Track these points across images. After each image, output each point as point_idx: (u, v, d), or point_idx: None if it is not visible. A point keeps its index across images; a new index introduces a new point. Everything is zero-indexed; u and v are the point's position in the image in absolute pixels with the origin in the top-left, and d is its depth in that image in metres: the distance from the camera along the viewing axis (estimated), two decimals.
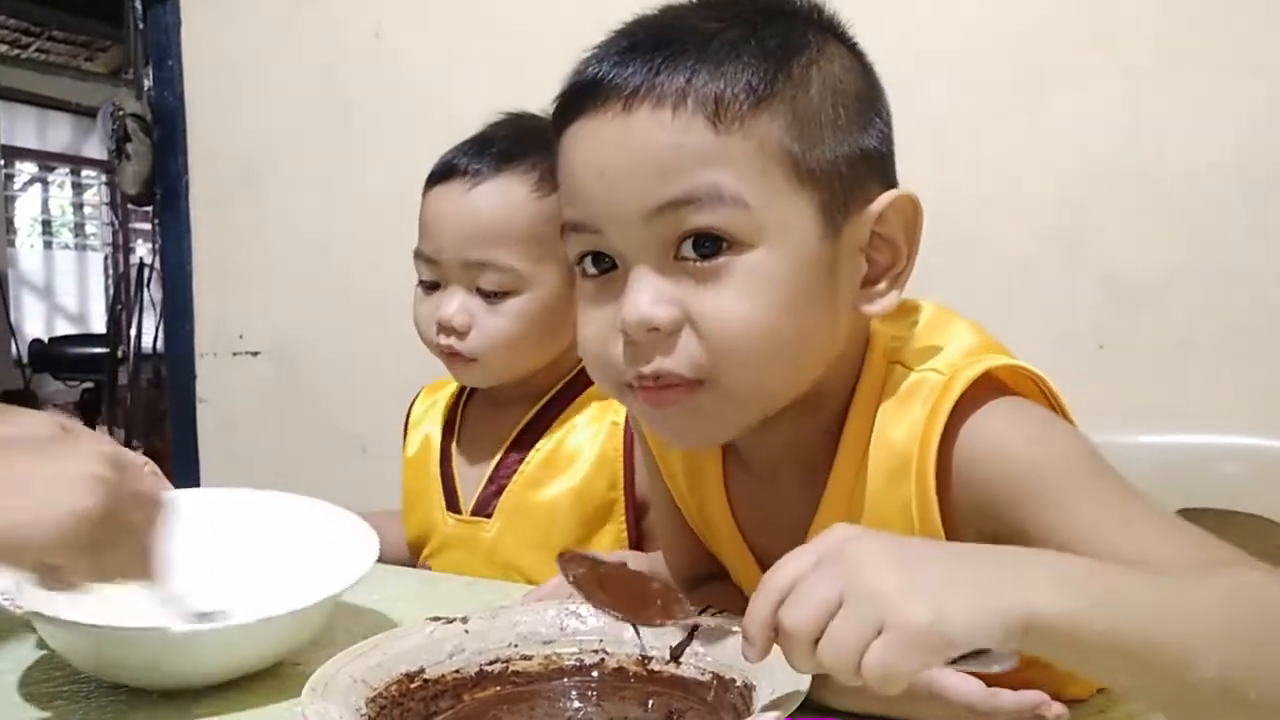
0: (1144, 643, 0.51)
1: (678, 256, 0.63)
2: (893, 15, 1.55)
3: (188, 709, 0.75)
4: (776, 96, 0.63)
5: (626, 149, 0.63)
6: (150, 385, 5.21)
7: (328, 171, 2.10)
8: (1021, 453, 0.64)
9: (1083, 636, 0.50)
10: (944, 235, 1.52)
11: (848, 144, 0.65)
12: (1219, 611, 0.53)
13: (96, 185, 8.60)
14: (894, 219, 0.67)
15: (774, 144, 0.62)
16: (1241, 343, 1.40)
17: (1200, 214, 1.42)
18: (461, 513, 1.15)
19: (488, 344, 1.09)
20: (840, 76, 0.66)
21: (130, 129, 2.31)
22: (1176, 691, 0.52)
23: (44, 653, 0.85)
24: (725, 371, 0.63)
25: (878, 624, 0.49)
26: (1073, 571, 0.52)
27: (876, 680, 0.49)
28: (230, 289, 2.27)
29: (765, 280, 0.62)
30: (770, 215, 0.62)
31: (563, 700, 0.70)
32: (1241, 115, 1.39)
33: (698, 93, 0.61)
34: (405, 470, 1.23)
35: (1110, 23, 1.45)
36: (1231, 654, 0.51)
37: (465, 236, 1.08)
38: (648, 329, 0.63)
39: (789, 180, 0.63)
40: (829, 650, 0.49)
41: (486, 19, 1.91)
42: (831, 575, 0.51)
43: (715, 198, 0.61)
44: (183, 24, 2.26)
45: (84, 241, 8.72)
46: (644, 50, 0.63)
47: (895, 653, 0.48)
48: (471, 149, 1.11)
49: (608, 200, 0.64)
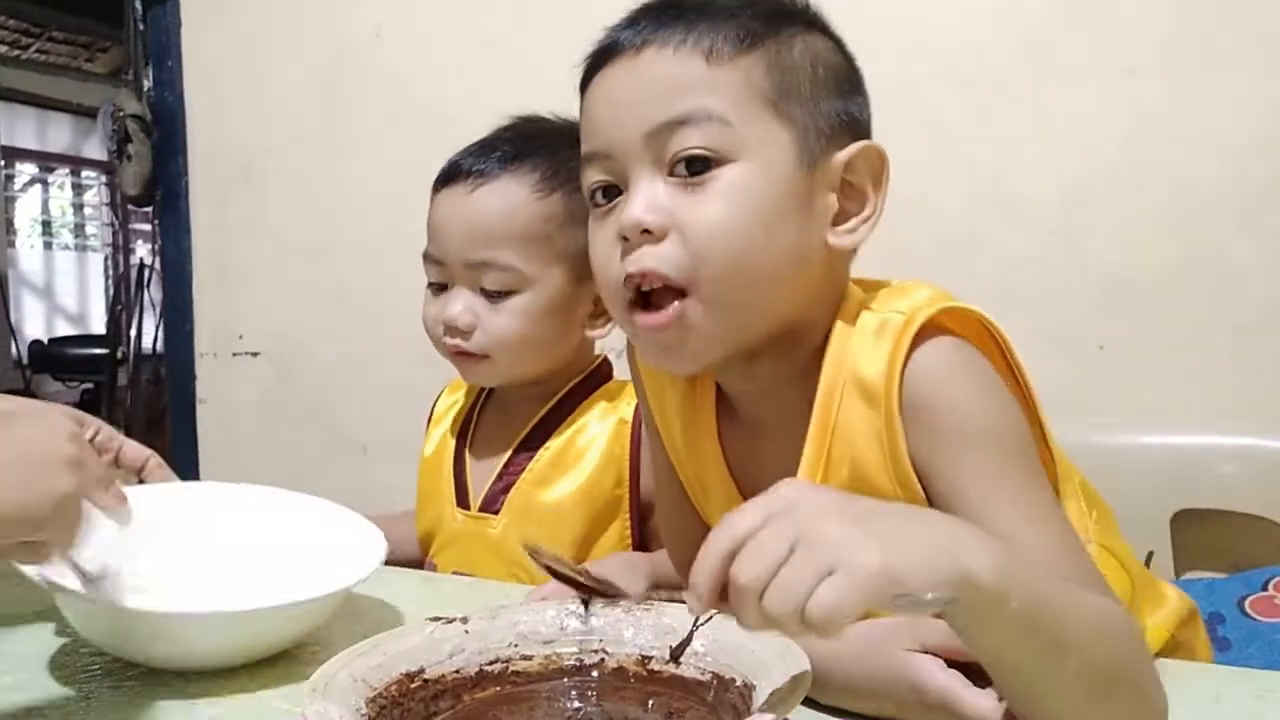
0: (1044, 630, 0.56)
1: (671, 174, 0.72)
2: (893, 15, 1.55)
3: (197, 689, 0.76)
4: (762, 47, 0.72)
5: (633, 80, 0.73)
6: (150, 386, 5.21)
7: (328, 172, 2.10)
8: (961, 400, 0.70)
9: (1003, 607, 0.54)
10: (944, 235, 1.53)
11: (825, 101, 0.74)
12: (1092, 620, 0.60)
13: (96, 186, 8.60)
14: (863, 168, 0.74)
15: (756, 83, 0.72)
16: (1241, 343, 1.40)
17: (1200, 214, 1.42)
18: (470, 508, 1.15)
19: (492, 342, 1.11)
20: (821, 50, 0.76)
21: (131, 130, 2.31)
22: (1046, 684, 0.58)
23: (66, 640, 0.87)
24: (705, 276, 0.71)
25: (828, 569, 0.51)
26: (999, 547, 0.56)
27: (821, 620, 0.50)
28: (230, 289, 2.27)
29: (743, 191, 0.71)
30: (750, 134, 0.71)
31: (563, 700, 0.70)
32: (1241, 116, 1.39)
33: (696, 38, 0.72)
34: (421, 468, 1.24)
35: (1110, 23, 1.45)
36: (1091, 659, 0.58)
37: (468, 237, 1.10)
38: (640, 230, 0.71)
39: (768, 112, 0.72)
40: (776, 598, 0.51)
41: (486, 19, 1.91)
42: (781, 529, 0.53)
43: (704, 117, 0.70)
44: (183, 25, 2.27)
45: (84, 242, 8.72)
46: (654, 12, 0.74)
47: (843, 593, 0.50)
48: (476, 152, 1.13)
49: (615, 124, 0.74)
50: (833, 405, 0.74)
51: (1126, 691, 0.60)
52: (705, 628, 0.70)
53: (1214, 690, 0.72)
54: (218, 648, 0.81)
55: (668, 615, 0.72)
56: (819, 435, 0.75)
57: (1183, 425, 1.28)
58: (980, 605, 0.54)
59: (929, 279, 0.79)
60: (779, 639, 0.65)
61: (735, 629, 0.68)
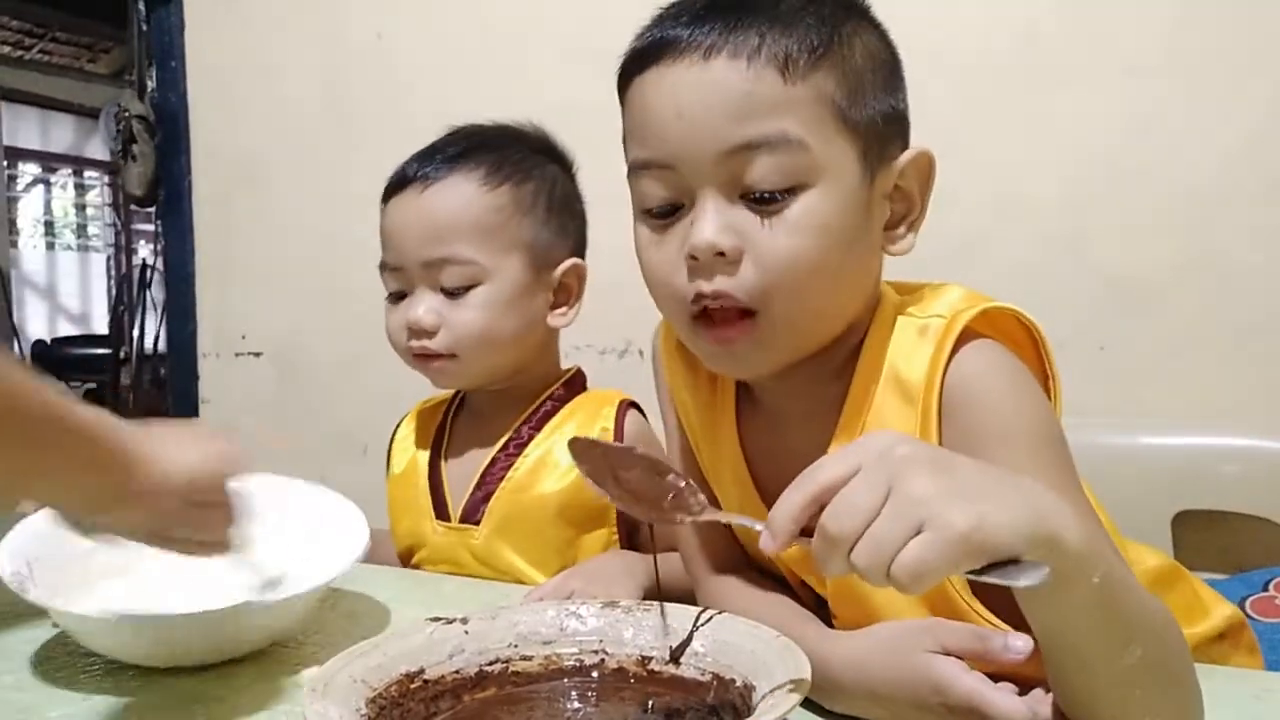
0: (1116, 612, 0.56)
1: (743, 194, 0.70)
2: (893, 16, 1.55)
3: (197, 689, 0.76)
4: (831, 55, 0.71)
5: (705, 93, 0.70)
6: (152, 386, 5.21)
7: (329, 173, 2.10)
8: (996, 398, 0.70)
9: (1084, 579, 0.54)
10: (945, 236, 1.52)
11: (882, 103, 0.73)
12: (1153, 610, 0.60)
13: (99, 186, 8.61)
14: (912, 173, 0.75)
15: (828, 96, 0.70)
16: (1241, 344, 1.40)
17: (1201, 215, 1.42)
18: (451, 520, 1.15)
19: (457, 340, 1.11)
20: (875, 44, 0.75)
21: (136, 130, 2.31)
22: (1105, 672, 0.58)
23: (66, 640, 0.87)
24: (777, 300, 0.70)
25: (918, 525, 0.51)
26: (1084, 518, 0.56)
27: (908, 578, 0.50)
28: (232, 290, 2.27)
29: (818, 217, 0.70)
30: (825, 155, 0.70)
31: (563, 700, 0.70)
32: (1242, 117, 1.39)
33: (769, 48, 0.69)
34: (390, 485, 1.24)
35: (1111, 23, 1.45)
36: (1151, 652, 0.57)
37: (423, 237, 1.11)
38: (715, 253, 0.70)
39: (838, 129, 0.70)
40: (866, 551, 0.51)
41: (487, 21, 1.92)
42: (874, 481, 0.53)
43: (783, 141, 0.69)
44: (186, 26, 2.27)
45: (86, 242, 8.73)
46: (721, 10, 0.71)
47: (933, 552, 0.50)
48: (421, 158, 1.15)
49: (684, 138, 0.71)
50: (865, 402, 0.75)
51: (1176, 692, 0.60)
52: (705, 628, 0.70)
53: (1214, 690, 0.72)
54: (214, 647, 0.82)
55: (668, 615, 0.72)
56: (848, 431, 0.75)
57: (1183, 425, 1.28)
58: (1064, 573, 0.53)
59: (929, 279, 0.79)
60: (779, 639, 0.65)
61: (735, 629, 0.68)
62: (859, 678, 0.68)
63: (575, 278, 1.16)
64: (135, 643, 0.82)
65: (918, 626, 0.68)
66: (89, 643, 0.84)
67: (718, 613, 0.71)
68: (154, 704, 0.76)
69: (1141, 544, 0.86)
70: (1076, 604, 0.55)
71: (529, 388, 1.18)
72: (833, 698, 0.69)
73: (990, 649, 0.64)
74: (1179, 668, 0.61)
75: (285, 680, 0.80)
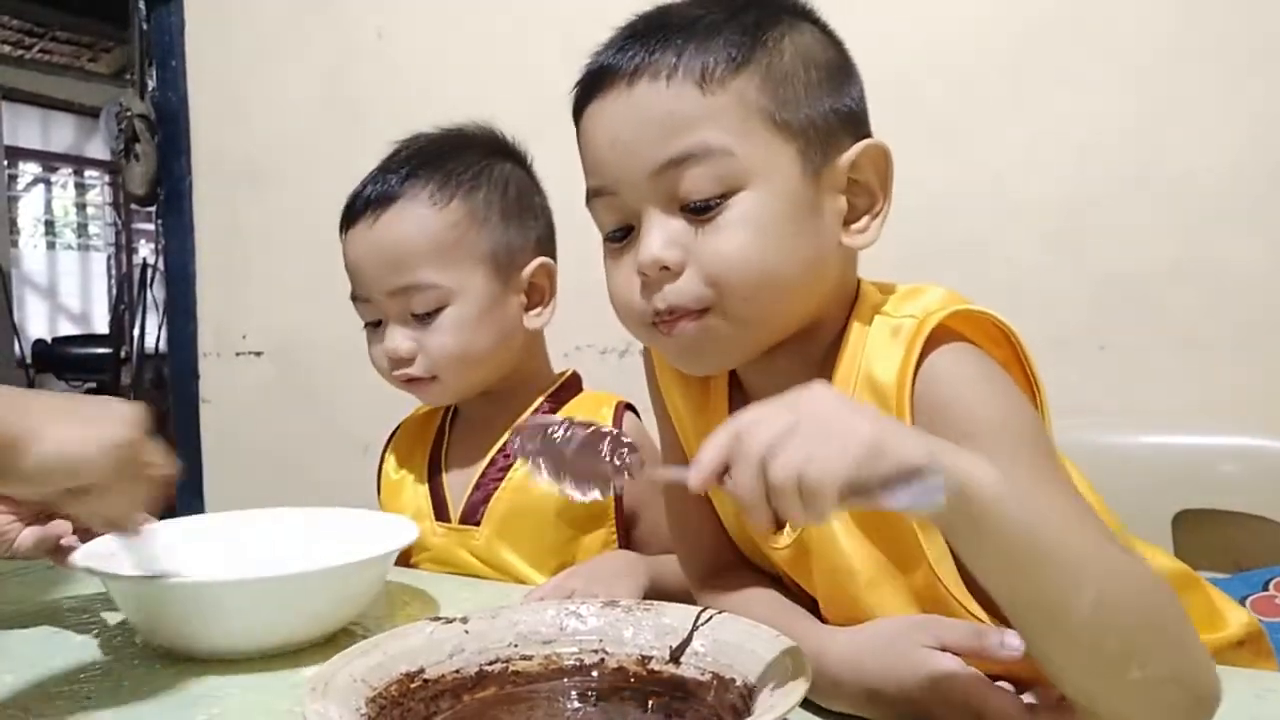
0: (1046, 544, 0.55)
1: (682, 207, 0.72)
2: (894, 16, 1.55)
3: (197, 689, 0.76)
4: (753, 62, 0.72)
5: (632, 118, 0.73)
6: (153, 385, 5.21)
7: (330, 172, 2.09)
8: (970, 398, 0.70)
9: (998, 517, 0.54)
10: (944, 236, 1.53)
11: (821, 102, 0.74)
12: (1109, 557, 0.58)
13: (99, 186, 8.61)
14: (866, 165, 0.75)
15: (752, 101, 0.72)
16: (1241, 343, 1.40)
17: (1200, 214, 1.42)
18: (450, 521, 1.15)
19: (435, 363, 1.12)
20: (811, 46, 0.75)
21: (137, 129, 2.31)
22: (1051, 617, 0.56)
23: (66, 640, 0.88)
24: (727, 299, 0.72)
25: (824, 437, 0.53)
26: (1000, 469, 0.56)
27: (814, 485, 0.52)
28: (233, 289, 2.27)
29: (754, 219, 0.71)
30: (754, 159, 0.71)
31: (563, 700, 0.70)
32: (1241, 115, 1.39)
33: (686, 64, 0.72)
34: (386, 492, 1.24)
35: (1110, 23, 1.45)
36: (1110, 594, 0.56)
37: (383, 267, 1.12)
38: (659, 268, 0.73)
39: (768, 130, 0.72)
40: (775, 465, 0.53)
41: (487, 20, 1.92)
42: (786, 408, 0.56)
43: (705, 152, 0.71)
44: (186, 25, 2.27)
45: (87, 242, 8.73)
46: (642, 36, 0.74)
47: (835, 457, 0.52)
48: (370, 181, 1.16)
49: (619, 164, 0.74)
50: None
51: (1162, 652, 0.58)
52: (705, 627, 0.70)
53: None
54: (264, 622, 0.84)
55: (668, 615, 0.73)
56: None
57: (1183, 425, 1.28)
58: (975, 511, 0.54)
59: (930, 279, 0.79)
60: (779, 638, 0.65)
61: (735, 629, 0.68)
62: (856, 675, 0.68)
63: (545, 276, 1.16)
64: (187, 615, 0.83)
65: (914, 623, 0.68)
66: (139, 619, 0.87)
67: (718, 612, 0.71)
68: (154, 704, 0.76)
69: (1154, 546, 0.86)
70: (1002, 538, 0.55)
71: (523, 389, 1.19)
72: (830, 695, 0.69)
73: (986, 645, 0.64)
74: (1162, 621, 0.58)
75: (285, 680, 0.80)
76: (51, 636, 0.90)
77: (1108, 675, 0.57)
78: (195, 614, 0.83)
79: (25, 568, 1.14)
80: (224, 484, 2.29)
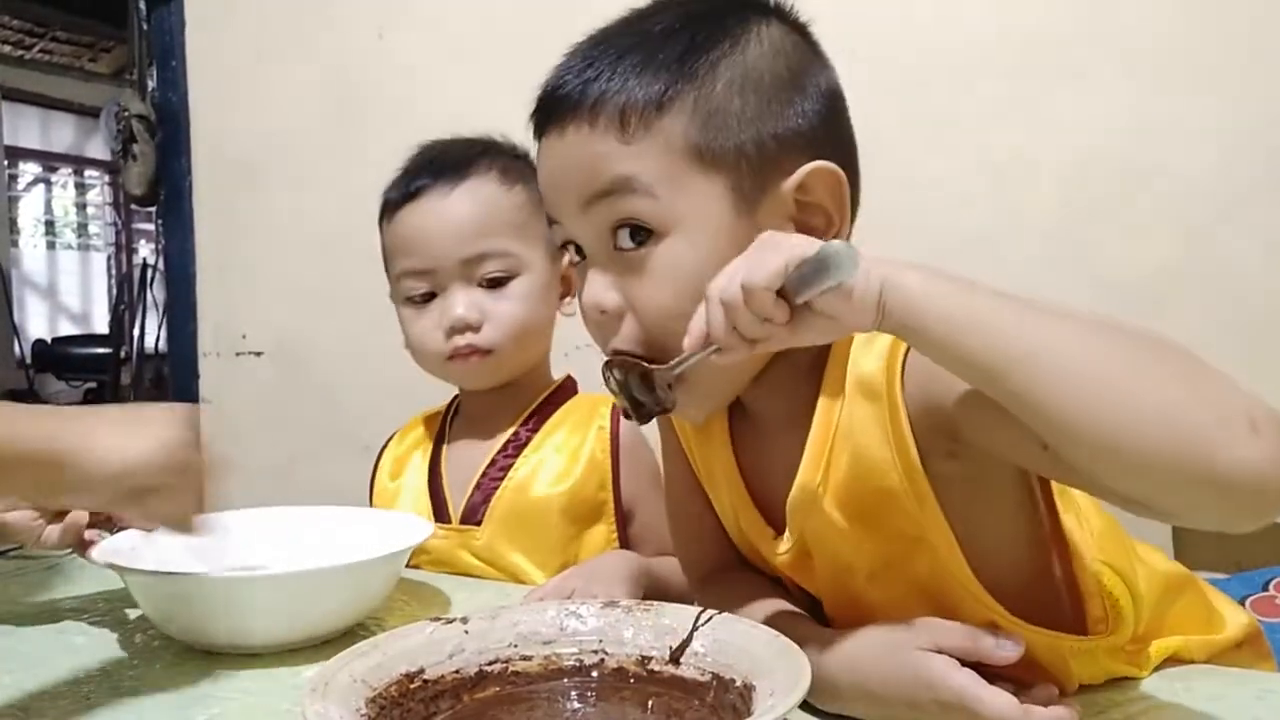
0: (995, 324, 0.56)
1: (616, 246, 0.72)
2: (894, 16, 1.55)
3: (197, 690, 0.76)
4: (679, 99, 0.70)
5: (563, 160, 0.74)
6: (153, 385, 5.21)
7: (330, 172, 2.10)
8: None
9: (935, 302, 0.56)
10: (944, 236, 1.53)
11: (758, 128, 0.71)
12: (1080, 325, 0.57)
13: (99, 186, 8.61)
14: (817, 187, 0.71)
15: (678, 140, 0.70)
16: (1241, 343, 1.40)
17: (1202, 215, 1.42)
18: (451, 522, 1.15)
19: (501, 331, 1.13)
20: (753, 67, 0.72)
21: (137, 129, 2.31)
22: (1051, 408, 0.54)
23: (66, 640, 0.88)
24: (670, 350, 0.69)
25: (760, 259, 0.59)
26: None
27: (751, 286, 0.58)
28: (233, 289, 2.27)
29: (679, 268, 0.70)
30: (680, 204, 0.70)
31: (562, 700, 0.70)
32: (1241, 116, 1.39)
33: (608, 109, 0.70)
34: (383, 495, 1.24)
35: (1111, 23, 1.45)
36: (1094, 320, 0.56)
37: (459, 235, 1.12)
38: (599, 311, 0.73)
39: (694, 169, 0.70)
40: (721, 284, 0.60)
41: (488, 20, 1.92)
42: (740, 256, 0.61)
43: (628, 189, 0.70)
44: (186, 25, 2.27)
45: (87, 242, 8.73)
46: (577, 70, 0.73)
47: (769, 262, 0.58)
48: (422, 170, 1.17)
49: (557, 201, 0.75)
50: (836, 404, 0.73)
51: (1171, 361, 0.55)
52: (705, 628, 0.70)
53: (1214, 690, 0.72)
54: (285, 617, 0.85)
55: (668, 616, 0.72)
56: (821, 433, 0.74)
57: None
58: (907, 303, 0.57)
59: None
60: (779, 639, 0.65)
61: (735, 629, 0.68)
62: (853, 677, 0.68)
63: (574, 270, 1.18)
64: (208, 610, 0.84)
65: (910, 626, 0.68)
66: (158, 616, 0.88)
67: (717, 613, 0.71)
68: (154, 704, 0.76)
69: (1152, 547, 0.86)
70: (941, 323, 0.56)
71: (526, 390, 1.20)
72: (828, 697, 0.69)
73: (981, 647, 0.64)
74: (1158, 341, 0.56)
75: (285, 680, 0.80)
76: (52, 636, 0.90)
77: (1129, 434, 0.52)
78: (220, 609, 0.84)
79: (25, 568, 1.14)
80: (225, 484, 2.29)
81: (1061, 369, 0.54)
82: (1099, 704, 0.71)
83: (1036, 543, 0.73)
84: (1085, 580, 0.72)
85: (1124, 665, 0.74)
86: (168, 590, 0.86)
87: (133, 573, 0.86)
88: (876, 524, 0.72)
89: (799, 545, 0.77)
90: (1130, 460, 0.53)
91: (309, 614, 0.86)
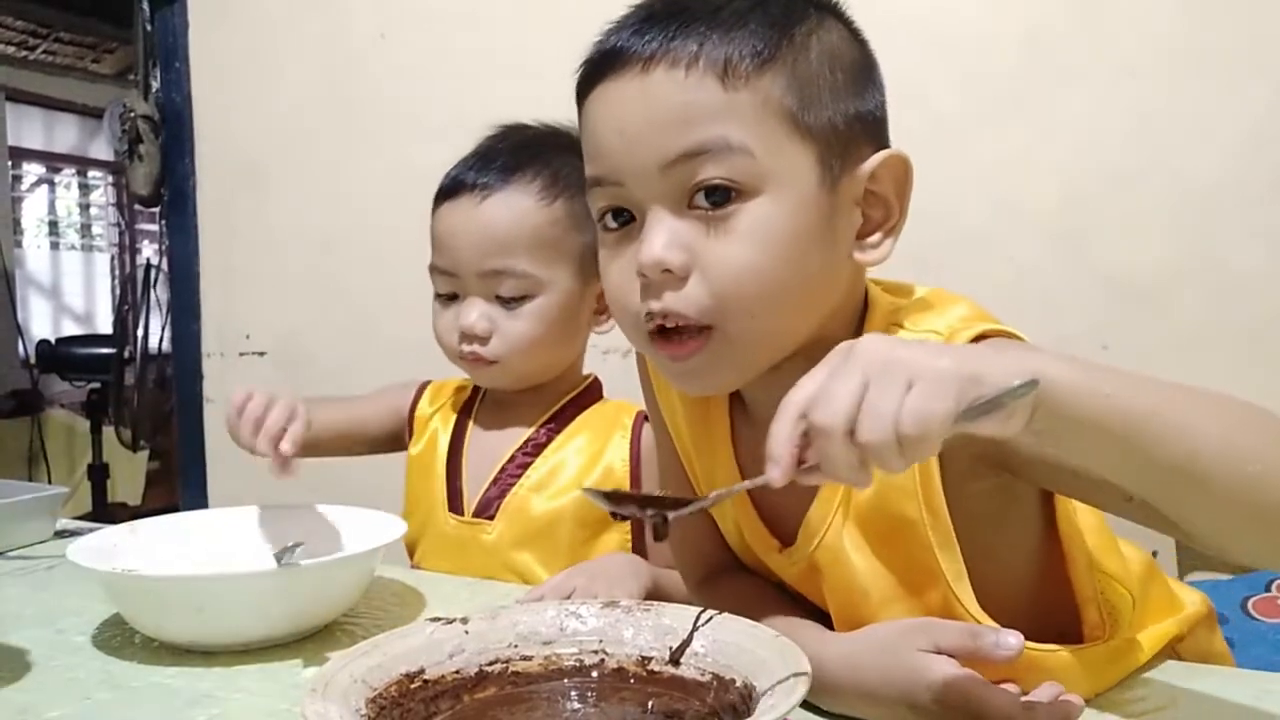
0: (1140, 407, 0.54)
1: (691, 205, 0.68)
2: (894, 16, 1.55)
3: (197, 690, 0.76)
4: (779, 60, 0.68)
5: (644, 106, 0.68)
6: (156, 385, 5.21)
7: (334, 173, 2.11)
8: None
9: (1086, 400, 0.53)
10: (947, 236, 1.53)
11: (844, 105, 0.70)
12: (1206, 399, 0.57)
13: (103, 186, 8.61)
14: (885, 177, 0.71)
15: (775, 101, 0.68)
16: (1243, 343, 1.40)
17: (1202, 215, 1.42)
18: (464, 514, 1.15)
19: (508, 347, 1.13)
20: (838, 46, 0.71)
21: (140, 130, 2.31)
22: (1185, 475, 0.55)
23: (66, 640, 0.90)
24: (730, 316, 0.68)
25: (907, 382, 0.51)
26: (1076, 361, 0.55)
27: (917, 430, 0.50)
28: (236, 289, 2.27)
29: (768, 229, 0.67)
30: (773, 163, 0.67)
31: (562, 701, 0.70)
32: (1243, 117, 1.39)
33: (708, 55, 0.67)
34: (410, 468, 1.24)
35: (1111, 23, 1.45)
36: (1224, 425, 0.56)
37: (481, 248, 1.12)
38: (661, 270, 0.68)
39: (789, 133, 0.68)
40: (867, 425, 0.51)
41: (490, 21, 1.92)
42: (848, 370, 0.53)
43: (724, 148, 0.66)
44: (190, 26, 2.27)
45: (90, 242, 8.72)
46: (660, 19, 0.69)
47: (928, 397, 0.51)
48: (475, 165, 1.15)
49: (627, 154, 0.69)
50: None
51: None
52: (705, 628, 0.70)
53: (1214, 690, 0.72)
54: (263, 616, 0.86)
55: (668, 616, 0.72)
56: None
57: None
58: (1059, 401, 0.53)
59: (931, 281, 0.79)
60: (779, 639, 0.65)
61: (735, 629, 0.68)
62: (854, 678, 0.68)
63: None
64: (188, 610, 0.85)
65: (911, 626, 0.68)
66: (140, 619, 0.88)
67: (717, 613, 0.71)
68: (154, 704, 0.76)
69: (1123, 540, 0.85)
70: (1094, 418, 0.54)
71: (550, 390, 1.20)
72: (828, 698, 0.69)
73: (981, 647, 0.64)
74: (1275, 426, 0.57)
75: (285, 680, 0.80)
76: (52, 637, 0.90)
77: (1260, 510, 0.55)
78: (183, 608, 0.85)
79: (25, 568, 1.15)
80: (228, 483, 2.29)
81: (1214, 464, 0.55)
82: (1099, 704, 0.71)
83: (1038, 555, 0.73)
84: (1081, 586, 0.72)
85: (1121, 667, 0.74)
86: (125, 588, 0.89)
87: (98, 572, 0.87)
88: (893, 551, 0.72)
89: (809, 561, 0.76)
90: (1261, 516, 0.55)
91: (273, 613, 0.86)
